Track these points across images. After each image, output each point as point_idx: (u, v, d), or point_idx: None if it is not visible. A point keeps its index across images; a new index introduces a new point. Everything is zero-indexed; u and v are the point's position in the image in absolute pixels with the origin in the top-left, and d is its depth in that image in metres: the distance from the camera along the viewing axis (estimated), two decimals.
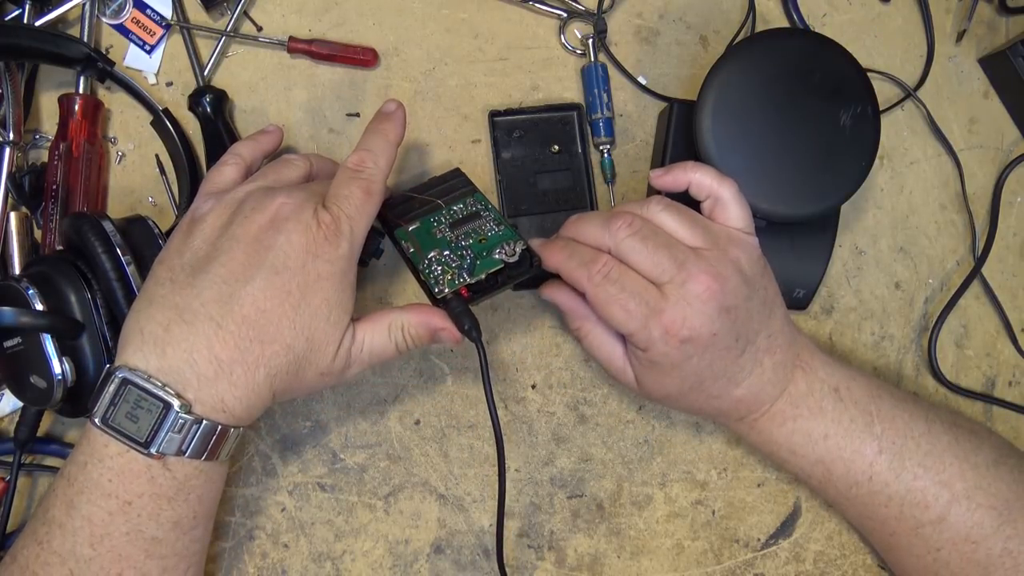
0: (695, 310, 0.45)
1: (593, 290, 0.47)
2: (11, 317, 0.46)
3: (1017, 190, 0.61)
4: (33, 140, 0.58)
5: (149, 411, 0.42)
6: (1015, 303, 0.61)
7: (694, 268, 0.46)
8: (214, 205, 0.46)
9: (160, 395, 0.41)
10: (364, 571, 0.57)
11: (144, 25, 0.59)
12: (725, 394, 0.49)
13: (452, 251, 0.50)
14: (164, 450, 0.42)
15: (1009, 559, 0.48)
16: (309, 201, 0.45)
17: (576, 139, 0.59)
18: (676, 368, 0.47)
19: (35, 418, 0.52)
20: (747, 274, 0.47)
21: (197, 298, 0.43)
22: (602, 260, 0.47)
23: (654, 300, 0.46)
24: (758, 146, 0.51)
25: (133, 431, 0.42)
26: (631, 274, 0.47)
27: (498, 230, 0.50)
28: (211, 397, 0.42)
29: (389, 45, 0.60)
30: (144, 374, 0.42)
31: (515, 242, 0.49)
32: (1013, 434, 0.60)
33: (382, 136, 0.49)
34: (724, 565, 0.58)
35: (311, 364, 0.45)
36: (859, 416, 0.49)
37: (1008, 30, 0.62)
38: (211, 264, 0.44)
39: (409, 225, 0.51)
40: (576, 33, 0.60)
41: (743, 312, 0.47)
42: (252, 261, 0.43)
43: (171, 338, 0.42)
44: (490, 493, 0.57)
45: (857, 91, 0.51)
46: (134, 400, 0.42)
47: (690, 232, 0.48)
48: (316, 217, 0.44)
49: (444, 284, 0.48)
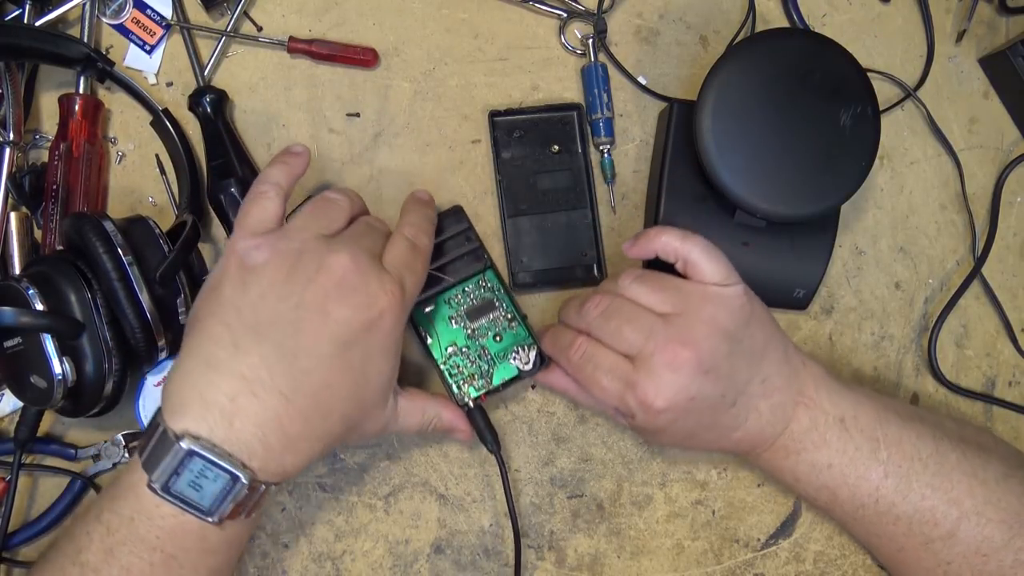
0: (666, 381, 0.46)
1: (572, 371, 0.50)
2: (11, 317, 0.46)
3: (1017, 190, 0.61)
4: (33, 140, 0.58)
5: (214, 481, 0.41)
6: (1015, 303, 0.61)
7: (661, 338, 0.46)
8: (269, 256, 0.44)
9: (228, 468, 0.41)
10: (364, 571, 0.57)
11: (144, 25, 0.59)
12: (723, 438, 0.50)
13: (470, 347, 0.54)
14: (222, 517, 0.43)
15: (1021, 570, 0.48)
16: (373, 267, 0.45)
17: (576, 139, 0.59)
18: (664, 431, 0.49)
19: (35, 418, 0.53)
20: (727, 329, 0.47)
21: (266, 370, 0.42)
22: (577, 342, 0.49)
23: (626, 374, 0.47)
24: (758, 146, 0.51)
25: (195, 499, 0.42)
26: (604, 352, 0.48)
27: (513, 328, 0.54)
28: (275, 466, 0.43)
29: (389, 45, 0.60)
30: (208, 443, 0.41)
31: (529, 347, 0.54)
32: (1013, 434, 0.60)
33: (424, 213, 0.51)
34: (724, 565, 0.58)
35: (358, 430, 0.47)
36: (864, 443, 0.49)
37: (1008, 30, 0.62)
38: (277, 332, 0.43)
39: (425, 306, 0.54)
40: (576, 33, 0.60)
41: (725, 369, 0.47)
42: (320, 333, 0.43)
43: (239, 410, 0.42)
44: (490, 493, 0.57)
45: (857, 91, 0.51)
46: (198, 470, 0.41)
47: (659, 299, 0.48)
48: (381, 287, 0.44)
49: (465, 392, 0.53)
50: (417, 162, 0.59)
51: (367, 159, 0.59)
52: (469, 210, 0.59)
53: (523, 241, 0.58)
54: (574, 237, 0.58)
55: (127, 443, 0.56)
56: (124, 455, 0.56)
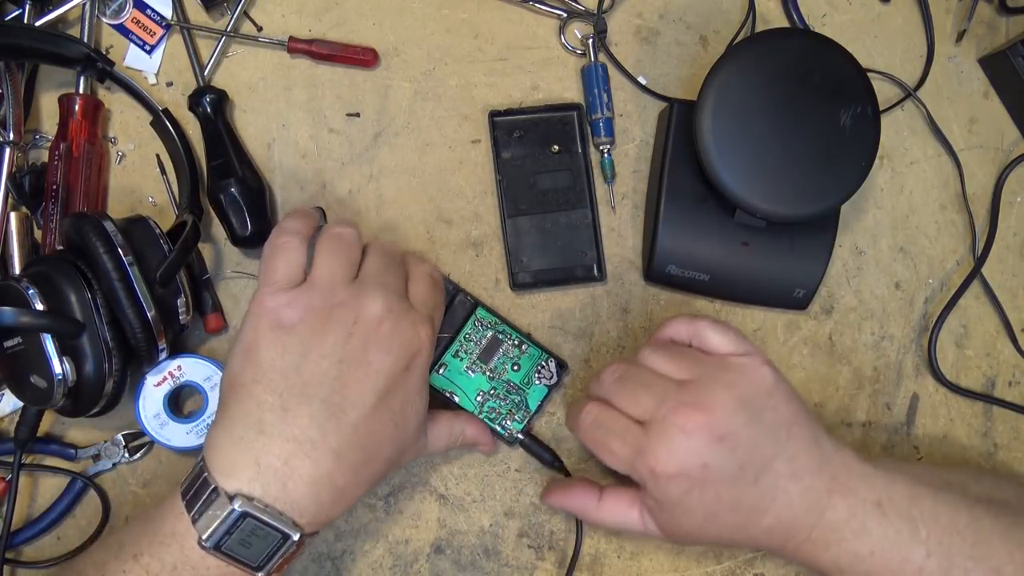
0: (677, 444, 0.44)
1: (582, 436, 0.49)
2: (11, 317, 0.46)
3: (1017, 190, 0.61)
4: (33, 140, 0.58)
5: (264, 539, 0.42)
6: (1015, 303, 0.61)
7: (674, 401, 0.45)
8: (302, 314, 0.44)
9: (280, 528, 0.42)
10: (364, 571, 0.57)
11: (144, 25, 0.59)
12: (751, 524, 0.47)
13: (496, 387, 0.55)
14: (270, 572, 0.44)
15: None
16: (404, 309, 0.46)
17: (576, 139, 0.59)
18: (680, 504, 0.46)
19: (35, 418, 0.53)
20: (745, 397, 0.45)
21: (316, 429, 0.43)
22: (588, 407, 0.49)
23: (637, 439, 0.46)
24: (758, 146, 0.51)
25: (246, 556, 0.43)
26: (615, 416, 0.47)
27: (525, 351, 0.56)
28: (324, 518, 0.44)
29: (389, 45, 0.60)
30: (261, 504, 0.42)
31: (547, 362, 0.56)
32: (1013, 434, 0.60)
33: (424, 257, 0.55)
34: (724, 565, 0.58)
35: (394, 468, 0.48)
36: (904, 526, 0.47)
37: (1008, 30, 0.62)
38: (323, 390, 0.44)
39: (438, 369, 0.55)
40: (576, 33, 0.60)
41: (743, 439, 0.45)
42: (364, 386, 0.44)
43: (292, 472, 0.43)
44: (490, 493, 0.57)
45: (857, 91, 0.51)
46: (250, 530, 0.42)
47: (677, 367, 0.47)
48: (414, 329, 0.46)
49: (511, 428, 0.55)
50: (417, 162, 0.59)
51: (367, 159, 0.59)
52: (469, 210, 0.59)
53: (523, 241, 0.58)
54: (574, 237, 0.58)
55: (127, 443, 0.56)
56: (124, 455, 0.56)
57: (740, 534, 0.47)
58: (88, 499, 0.57)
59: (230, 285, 0.58)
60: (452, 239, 0.59)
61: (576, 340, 0.59)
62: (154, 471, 0.57)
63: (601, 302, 0.59)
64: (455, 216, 0.59)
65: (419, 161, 0.59)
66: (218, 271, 0.58)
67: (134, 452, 0.56)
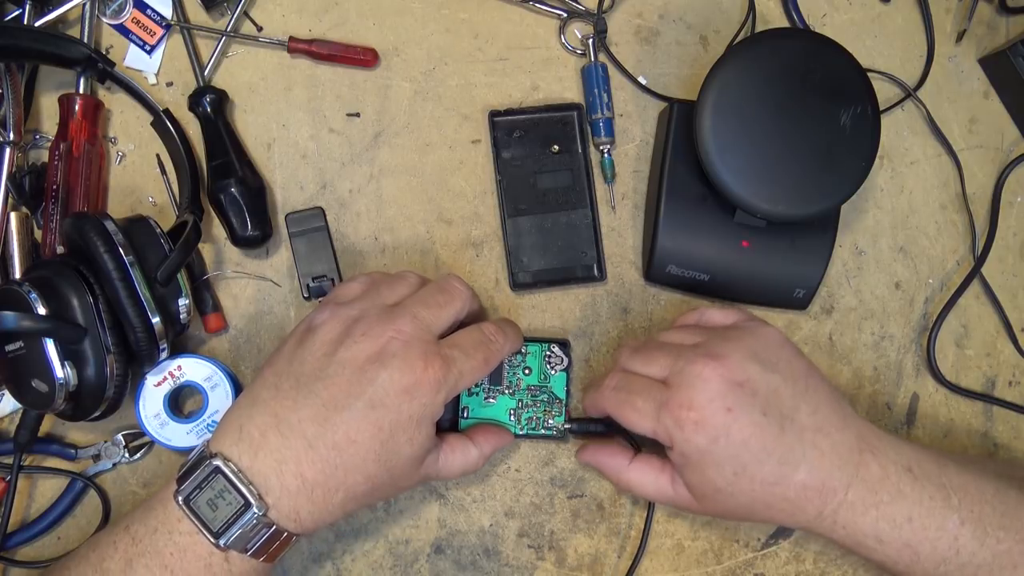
0: (697, 389, 0.46)
1: (606, 404, 0.50)
2: (13, 321, 0.46)
3: (1017, 190, 0.61)
4: (33, 140, 0.58)
5: (229, 504, 0.43)
6: (1015, 303, 0.61)
7: (690, 354, 0.47)
8: (329, 318, 0.47)
9: (244, 492, 0.43)
10: (364, 571, 0.57)
11: (144, 25, 0.59)
12: (783, 479, 0.46)
13: (521, 398, 0.56)
14: (231, 545, 0.44)
15: None
16: (418, 339, 0.46)
17: (576, 139, 0.59)
18: (708, 455, 0.46)
19: (35, 421, 0.53)
20: (756, 351, 0.47)
21: (295, 413, 0.45)
22: (610, 376, 0.51)
23: (659, 393, 0.47)
24: (758, 146, 0.51)
25: (209, 518, 0.44)
26: (636, 378, 0.49)
27: (527, 352, 0.56)
28: (288, 507, 0.44)
29: (389, 45, 0.60)
30: (235, 468, 0.43)
31: (550, 348, 0.56)
32: (1013, 434, 0.60)
33: (516, 333, 0.53)
34: (724, 565, 0.58)
35: (387, 491, 0.48)
36: (936, 492, 0.47)
37: (1008, 30, 0.62)
38: (315, 383, 0.45)
39: (463, 413, 0.55)
40: (576, 33, 0.60)
41: (761, 384, 0.46)
42: (353, 391, 0.45)
43: (265, 444, 0.44)
44: (490, 493, 0.57)
45: (857, 91, 0.51)
46: (219, 489, 0.43)
47: (689, 336, 0.50)
48: (424, 358, 0.46)
49: (555, 426, 0.56)
50: (417, 162, 0.59)
51: (367, 159, 0.59)
52: (469, 210, 0.59)
53: (523, 241, 0.58)
54: (574, 237, 0.58)
55: (127, 443, 0.56)
56: (124, 455, 0.56)
57: (772, 493, 0.47)
58: (88, 499, 0.57)
59: (230, 285, 0.58)
60: (452, 239, 0.59)
61: (576, 340, 0.59)
62: (154, 471, 0.57)
63: (601, 302, 0.59)
64: (455, 216, 0.59)
65: (419, 161, 0.59)
66: (218, 271, 0.58)
67: (134, 452, 0.56)
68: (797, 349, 0.49)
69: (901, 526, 0.47)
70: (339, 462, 0.44)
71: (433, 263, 0.59)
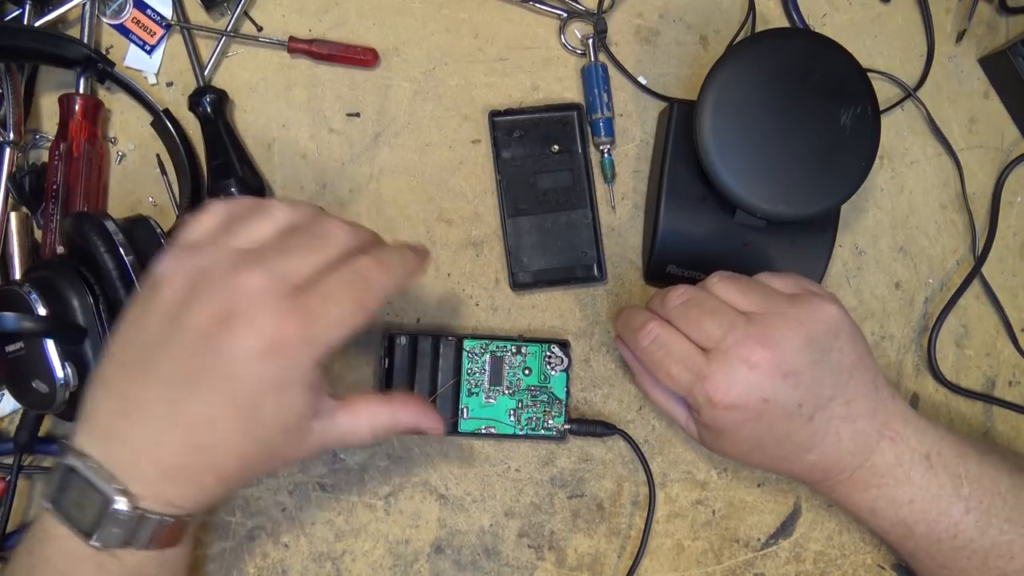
0: (740, 377, 0.44)
1: (641, 354, 0.48)
2: (14, 322, 0.46)
3: (1017, 190, 0.61)
4: (33, 140, 0.58)
5: (93, 502, 0.39)
6: (1015, 303, 0.61)
7: (742, 333, 0.44)
8: (173, 270, 0.40)
9: (103, 489, 0.39)
10: (364, 571, 0.57)
11: (144, 25, 0.59)
12: (795, 458, 0.47)
13: (521, 398, 0.55)
14: (106, 543, 0.39)
15: None
16: (270, 292, 0.38)
17: (576, 139, 0.59)
18: (729, 432, 0.46)
19: (35, 422, 0.52)
20: (813, 336, 0.45)
21: (144, 392, 0.39)
22: (649, 326, 0.47)
23: (698, 366, 0.45)
24: (758, 146, 0.51)
25: (77, 519, 0.39)
26: (678, 339, 0.46)
27: (526, 353, 0.56)
28: (156, 495, 0.39)
29: (389, 45, 0.60)
30: (92, 462, 0.39)
31: (550, 349, 0.56)
32: (1013, 434, 0.60)
33: (403, 258, 0.43)
34: (724, 565, 0.58)
35: (269, 465, 0.43)
36: (948, 481, 0.47)
37: (1008, 30, 0.62)
38: (160, 356, 0.39)
39: (462, 413, 0.55)
40: (576, 33, 0.60)
41: (808, 377, 0.45)
42: (199, 363, 0.38)
43: (117, 432, 0.40)
44: (490, 493, 0.57)
45: (857, 91, 0.51)
46: (81, 487, 0.39)
47: (745, 297, 0.46)
48: (278, 315, 0.38)
49: (555, 426, 0.55)
50: (417, 162, 0.59)
51: (367, 159, 0.59)
52: (469, 210, 0.59)
53: (523, 241, 0.58)
54: (574, 237, 0.58)
55: None
56: None
57: (780, 465, 0.48)
58: None
59: None
60: (452, 239, 0.59)
61: (576, 340, 0.59)
62: None
63: (601, 302, 0.59)
64: (455, 216, 0.59)
65: (419, 161, 0.59)
66: None
67: None
68: (854, 331, 0.47)
69: (900, 507, 0.48)
70: (199, 443, 0.39)
71: (433, 263, 0.59)
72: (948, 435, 0.49)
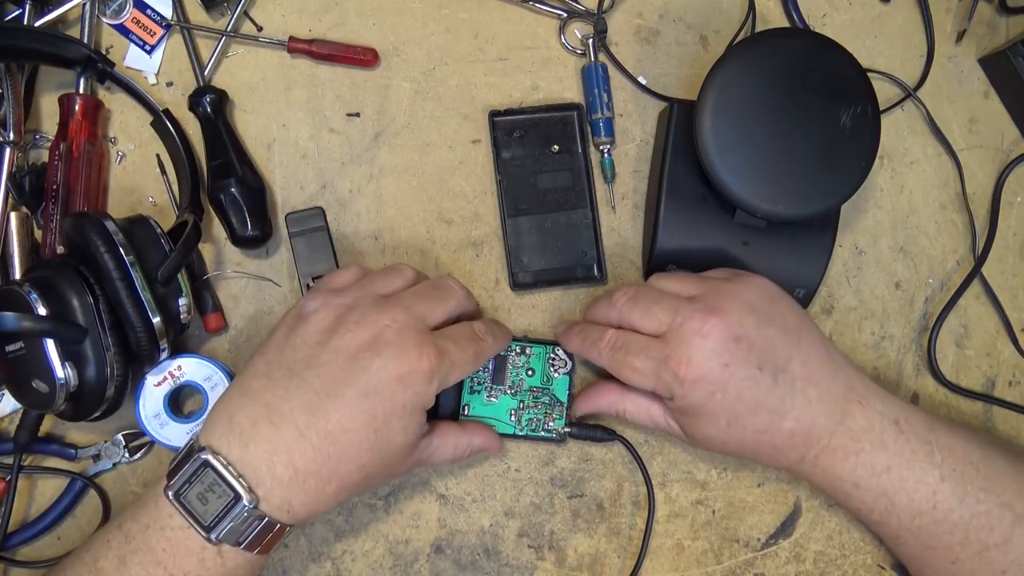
0: (696, 347, 0.47)
1: (606, 362, 0.50)
2: (13, 321, 0.46)
3: (1017, 190, 0.61)
4: (33, 140, 0.58)
5: (220, 497, 0.43)
6: (1015, 303, 0.61)
7: (688, 310, 0.48)
8: (321, 305, 0.47)
9: (234, 486, 0.43)
10: (364, 571, 0.57)
11: (144, 25, 0.59)
12: (772, 428, 0.48)
13: (523, 399, 0.56)
14: (223, 538, 0.43)
15: None
16: (412, 328, 0.46)
17: (576, 139, 0.59)
18: (704, 408, 0.48)
19: (35, 422, 0.53)
20: (753, 303, 0.48)
21: (287, 402, 0.44)
22: (607, 334, 0.50)
23: (658, 351, 0.48)
24: (758, 146, 0.51)
25: (200, 512, 0.43)
26: (634, 336, 0.49)
27: (530, 354, 0.56)
28: (280, 499, 0.44)
29: (389, 45, 0.60)
30: (224, 461, 0.43)
31: (555, 351, 0.56)
32: (1013, 434, 0.60)
33: (505, 335, 0.53)
34: (724, 565, 0.58)
35: (380, 479, 0.48)
36: (919, 447, 0.49)
37: (1008, 30, 0.62)
38: (307, 371, 0.45)
39: (463, 410, 0.55)
40: (576, 33, 0.60)
41: (759, 339, 0.47)
42: (346, 379, 0.44)
43: (255, 435, 0.44)
44: (490, 493, 0.57)
45: (857, 91, 0.51)
46: (209, 483, 0.43)
47: (684, 285, 0.50)
48: (419, 347, 0.45)
49: (555, 427, 0.56)
50: (417, 162, 0.59)
51: (367, 159, 0.59)
52: (469, 210, 0.59)
53: (523, 241, 0.58)
54: (574, 237, 0.58)
55: (127, 443, 0.56)
56: (124, 455, 0.56)
57: (762, 440, 0.49)
58: (88, 499, 0.57)
59: (230, 285, 0.58)
60: (452, 239, 0.59)
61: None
62: (154, 471, 0.57)
63: None
64: (455, 216, 0.59)
65: (419, 161, 0.59)
66: (218, 271, 0.58)
67: (134, 452, 0.56)
68: (791, 300, 0.51)
69: (880, 474, 0.49)
70: (332, 451, 0.44)
71: (433, 263, 0.59)
72: (914, 408, 0.51)
